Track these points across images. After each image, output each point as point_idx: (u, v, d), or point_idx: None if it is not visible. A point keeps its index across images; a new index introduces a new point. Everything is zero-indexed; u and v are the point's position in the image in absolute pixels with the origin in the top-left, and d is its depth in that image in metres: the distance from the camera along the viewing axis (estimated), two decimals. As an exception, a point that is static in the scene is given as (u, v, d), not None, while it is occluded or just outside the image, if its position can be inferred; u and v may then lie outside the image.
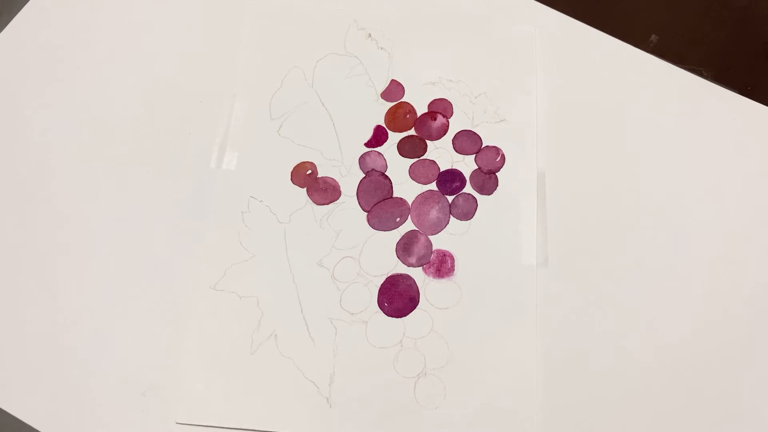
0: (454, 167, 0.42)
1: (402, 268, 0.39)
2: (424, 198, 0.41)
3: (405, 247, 0.40)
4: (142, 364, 0.36)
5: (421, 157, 0.42)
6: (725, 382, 0.38)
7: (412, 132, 0.43)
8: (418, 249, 0.40)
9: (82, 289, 0.38)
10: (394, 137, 0.43)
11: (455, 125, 0.43)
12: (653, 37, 0.49)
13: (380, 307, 0.38)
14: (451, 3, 0.48)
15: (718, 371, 0.38)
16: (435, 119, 0.44)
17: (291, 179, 0.41)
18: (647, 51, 0.47)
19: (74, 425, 0.35)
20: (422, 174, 0.42)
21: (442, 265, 0.39)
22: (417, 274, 0.39)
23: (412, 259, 0.39)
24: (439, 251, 0.40)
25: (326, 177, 0.41)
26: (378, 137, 0.43)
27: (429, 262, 0.39)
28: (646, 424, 0.36)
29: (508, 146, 0.43)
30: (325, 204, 0.41)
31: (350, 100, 0.44)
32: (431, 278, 0.39)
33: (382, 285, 0.39)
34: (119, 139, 0.42)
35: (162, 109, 0.43)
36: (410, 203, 0.41)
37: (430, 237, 0.40)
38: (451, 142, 0.43)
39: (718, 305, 0.39)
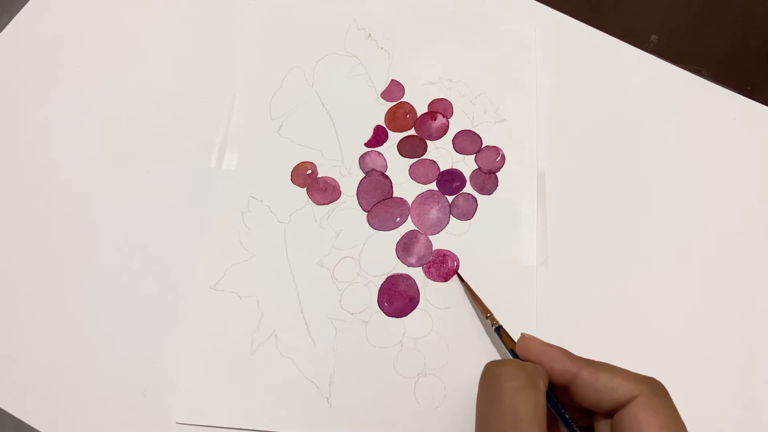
0: (454, 167, 0.42)
1: (402, 268, 0.39)
2: (424, 198, 0.41)
3: (405, 247, 0.40)
4: (142, 364, 0.36)
5: (421, 157, 0.42)
6: (726, 381, 0.38)
7: (412, 132, 0.43)
8: (418, 249, 0.40)
9: (82, 289, 0.38)
10: (394, 137, 0.43)
11: (455, 125, 0.43)
12: (653, 37, 0.49)
13: (380, 307, 0.38)
14: (451, 3, 0.48)
15: (718, 370, 0.38)
16: (435, 119, 0.44)
17: (291, 179, 0.41)
18: (647, 51, 0.47)
19: (74, 425, 0.35)
20: (422, 174, 0.42)
21: (442, 266, 0.39)
22: (417, 274, 0.39)
23: (412, 259, 0.39)
24: (439, 251, 0.40)
25: (326, 177, 0.41)
26: (378, 137, 0.43)
27: (429, 263, 0.39)
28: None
29: (508, 146, 0.43)
30: (325, 204, 0.41)
31: (350, 100, 0.44)
32: (431, 280, 0.39)
33: (382, 285, 0.39)
34: (119, 139, 0.42)
35: (162, 109, 0.43)
36: (410, 203, 0.41)
37: (430, 237, 0.40)
38: (451, 142, 0.43)
39: (719, 305, 0.39)
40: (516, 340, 0.31)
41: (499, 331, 0.35)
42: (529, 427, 0.25)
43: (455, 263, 0.39)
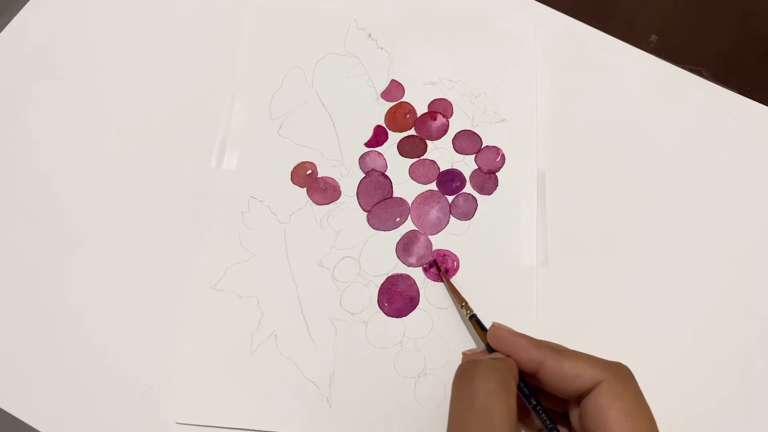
0: (454, 167, 0.42)
1: (402, 268, 0.39)
2: (424, 198, 0.41)
3: (405, 247, 0.40)
4: (142, 364, 0.36)
5: (421, 157, 0.42)
6: (726, 381, 0.38)
7: (412, 132, 0.43)
8: (418, 249, 0.40)
9: (82, 289, 0.38)
10: (394, 137, 0.43)
11: (455, 125, 0.43)
12: (653, 37, 0.49)
13: (380, 307, 0.38)
14: (451, 3, 0.48)
15: (718, 371, 0.38)
16: (435, 119, 0.44)
17: (291, 179, 0.41)
18: (647, 51, 0.47)
19: (74, 425, 0.35)
20: (422, 174, 0.42)
21: (442, 266, 0.39)
22: (417, 274, 0.39)
23: (412, 259, 0.39)
24: (439, 251, 0.40)
25: (326, 177, 0.41)
26: (378, 137, 0.43)
27: (429, 263, 0.39)
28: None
29: (508, 146, 0.43)
30: (325, 204, 0.41)
31: (350, 100, 0.44)
32: (431, 280, 0.39)
33: (382, 285, 0.39)
34: (119, 139, 0.42)
35: (162, 109, 0.43)
36: (410, 203, 0.41)
37: (430, 237, 0.40)
38: (451, 142, 0.43)
39: (718, 305, 0.39)
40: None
41: (473, 321, 0.35)
42: (501, 429, 0.25)
43: (455, 263, 0.39)
